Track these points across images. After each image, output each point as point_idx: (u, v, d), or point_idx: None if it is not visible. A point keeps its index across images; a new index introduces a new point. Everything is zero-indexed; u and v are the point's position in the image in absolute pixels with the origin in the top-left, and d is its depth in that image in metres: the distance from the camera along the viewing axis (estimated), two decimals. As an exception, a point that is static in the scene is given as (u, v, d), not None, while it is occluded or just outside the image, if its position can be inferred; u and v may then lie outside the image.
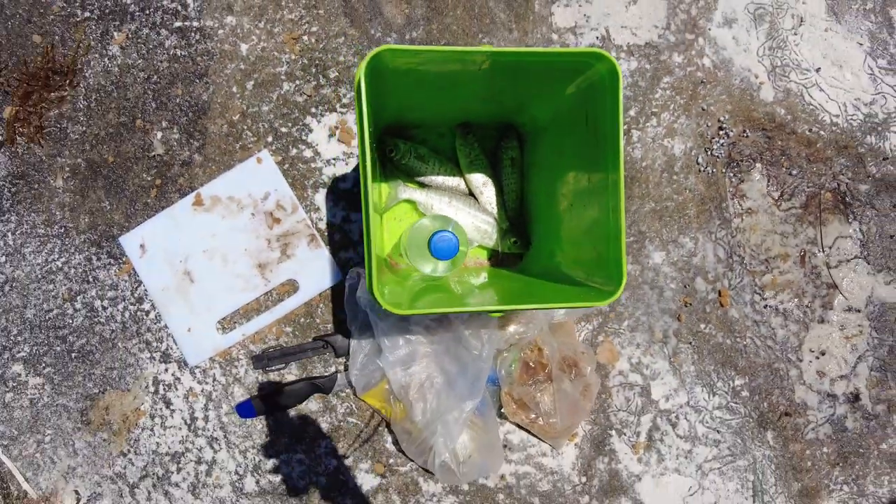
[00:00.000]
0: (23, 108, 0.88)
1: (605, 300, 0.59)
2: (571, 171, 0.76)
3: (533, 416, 0.86)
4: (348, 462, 0.89)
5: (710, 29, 0.98)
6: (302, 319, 0.89)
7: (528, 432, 0.92)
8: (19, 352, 0.89)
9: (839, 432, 0.99)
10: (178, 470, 0.89)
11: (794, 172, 0.99)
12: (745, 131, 0.98)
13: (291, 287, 0.88)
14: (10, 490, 0.88)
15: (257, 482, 0.89)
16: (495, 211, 0.88)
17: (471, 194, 0.89)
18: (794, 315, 0.99)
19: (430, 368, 0.83)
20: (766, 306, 0.99)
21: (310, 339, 0.88)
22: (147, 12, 0.89)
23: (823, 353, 0.99)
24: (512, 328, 0.84)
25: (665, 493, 0.95)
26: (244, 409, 0.86)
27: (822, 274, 0.99)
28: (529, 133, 0.87)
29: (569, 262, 0.76)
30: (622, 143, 0.62)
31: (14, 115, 0.88)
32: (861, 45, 1.00)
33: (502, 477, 0.92)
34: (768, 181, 0.99)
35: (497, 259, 0.91)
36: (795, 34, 0.99)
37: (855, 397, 1.00)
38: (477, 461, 0.83)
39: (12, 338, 0.88)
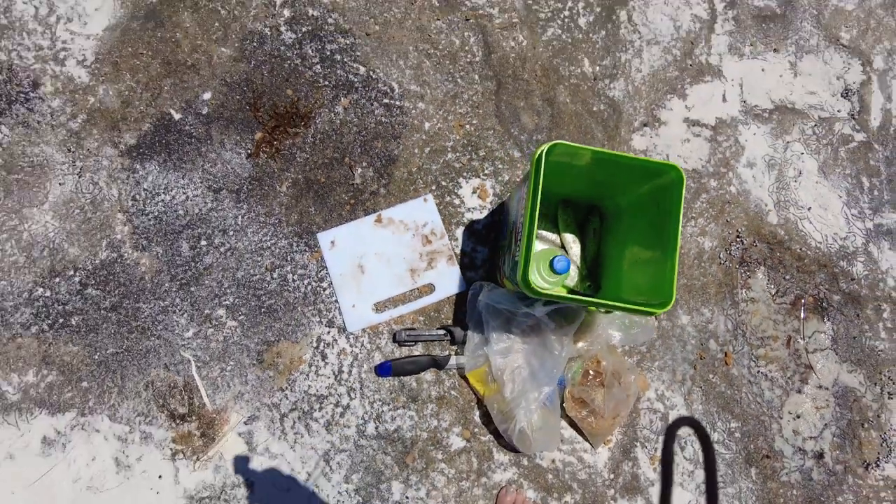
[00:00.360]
0: (269, 135, 1.28)
1: (661, 310, 0.94)
2: (637, 244, 1.12)
3: (586, 412, 1.18)
4: (446, 424, 1.20)
5: (737, 167, 1.39)
6: (432, 313, 1.24)
7: (577, 430, 1.23)
8: (225, 300, 1.23)
9: (807, 481, 1.26)
10: (320, 409, 1.19)
11: (787, 277, 1.36)
12: (754, 242, 1.37)
13: (430, 289, 1.24)
14: (194, 400, 1.19)
15: (376, 428, 1.19)
16: (578, 261, 1.25)
17: (562, 247, 1.26)
18: (779, 382, 1.31)
19: (520, 360, 1.16)
20: (758, 372, 1.31)
21: (436, 327, 1.22)
22: (367, 89, 1.33)
23: (799, 416, 1.30)
24: (581, 344, 1.19)
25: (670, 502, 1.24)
26: (382, 370, 1.18)
27: (802, 356, 1.32)
28: (611, 213, 1.25)
29: (628, 296, 1.11)
30: (680, 228, 0.98)
31: (262, 139, 1.28)
32: (840, 196, 1.41)
33: (553, 461, 1.21)
34: (768, 280, 1.36)
35: (573, 297, 1.26)
36: (795, 181, 1.41)
37: (820, 455, 1.29)
38: (543, 437, 1.14)
39: (223, 289, 1.23)
